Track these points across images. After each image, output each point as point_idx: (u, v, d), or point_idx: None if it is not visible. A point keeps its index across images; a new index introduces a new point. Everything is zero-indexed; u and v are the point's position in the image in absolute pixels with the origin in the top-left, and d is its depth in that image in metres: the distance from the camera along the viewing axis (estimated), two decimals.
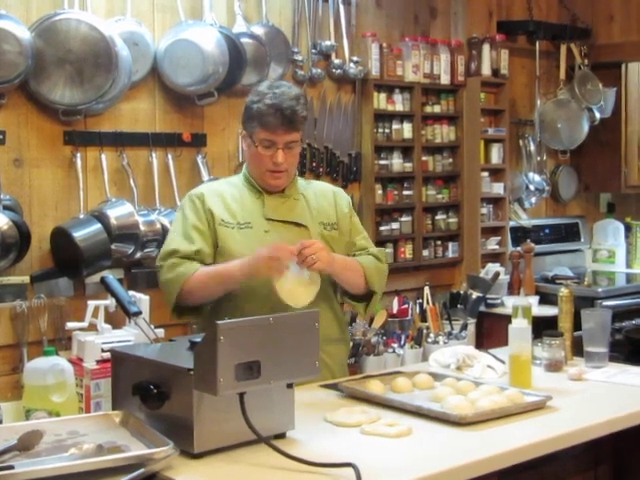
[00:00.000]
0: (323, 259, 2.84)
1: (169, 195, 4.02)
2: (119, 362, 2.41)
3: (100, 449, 2.01)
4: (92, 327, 3.50)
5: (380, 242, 4.94)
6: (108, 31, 3.73)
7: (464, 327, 4.74)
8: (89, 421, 2.26)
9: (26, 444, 2.02)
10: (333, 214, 3.13)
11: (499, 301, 5.08)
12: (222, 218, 2.98)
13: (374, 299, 3.16)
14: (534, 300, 5.10)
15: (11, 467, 1.88)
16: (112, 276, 2.67)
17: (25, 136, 3.68)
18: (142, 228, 3.79)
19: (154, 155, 4.00)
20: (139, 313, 2.60)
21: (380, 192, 4.96)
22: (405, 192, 5.08)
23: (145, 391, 2.20)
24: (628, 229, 6.20)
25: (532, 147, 5.77)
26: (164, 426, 2.16)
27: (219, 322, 2.08)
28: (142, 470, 1.94)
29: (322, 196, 3.16)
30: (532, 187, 5.73)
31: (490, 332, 3.77)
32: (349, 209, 3.20)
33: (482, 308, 4.97)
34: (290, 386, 2.30)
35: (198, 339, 2.18)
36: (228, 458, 2.16)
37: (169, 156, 4.06)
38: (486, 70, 5.35)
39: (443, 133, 5.28)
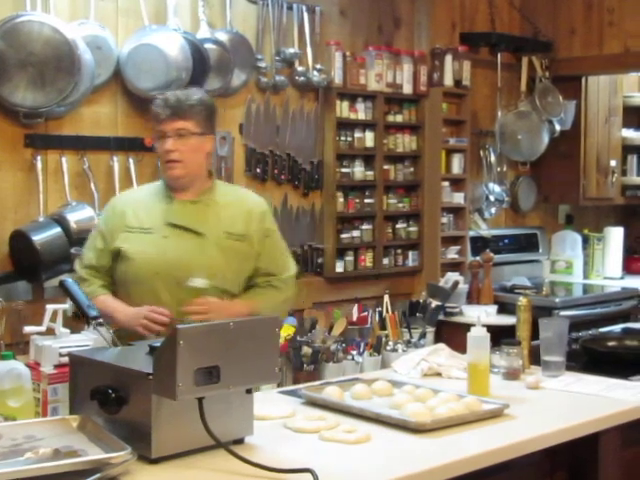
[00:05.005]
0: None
1: None
2: (77, 366, 2.39)
3: (57, 453, 1.99)
4: (50, 331, 3.47)
5: (341, 250, 4.97)
6: (71, 34, 3.71)
7: (423, 335, 4.76)
8: (46, 425, 2.24)
9: None
10: (243, 226, 3.10)
11: (458, 310, 5.12)
12: (127, 224, 3.07)
13: None
14: (492, 309, 5.15)
15: None
16: (71, 280, 2.66)
17: None
18: None
19: (115, 159, 3.99)
20: (98, 317, 2.58)
21: (341, 200, 4.97)
22: (366, 200, 5.10)
23: (103, 395, 2.18)
24: (586, 241, 6.29)
25: (493, 158, 5.82)
26: (122, 431, 2.15)
27: (179, 326, 2.07)
28: (99, 475, 1.92)
29: (238, 205, 3.15)
30: (492, 197, 5.78)
31: (449, 341, 3.78)
32: (265, 226, 3.17)
33: (441, 317, 5.00)
34: (249, 391, 2.30)
35: (157, 343, 2.17)
36: (186, 463, 2.16)
37: (130, 160, 4.04)
38: (448, 81, 5.40)
39: (405, 142, 5.31)
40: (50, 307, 3.41)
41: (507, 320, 4.52)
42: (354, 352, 4.46)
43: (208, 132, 3.10)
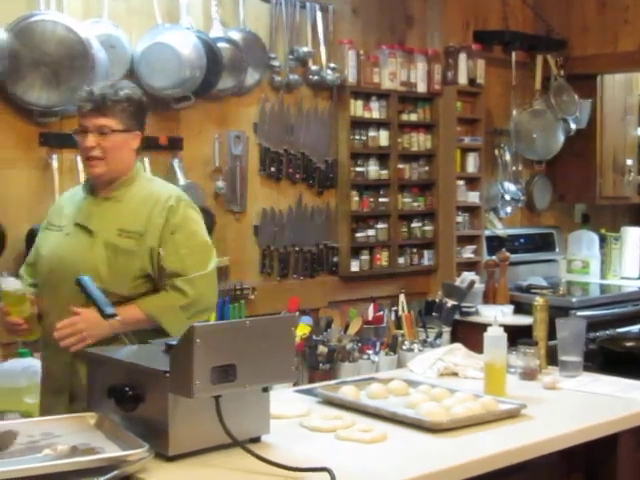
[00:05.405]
0: (88, 338, 2.69)
1: None
2: (94, 364, 2.39)
3: (74, 450, 2.00)
4: None
5: (356, 249, 4.96)
6: (85, 33, 3.71)
7: (439, 335, 4.75)
8: (63, 422, 2.24)
9: (0, 444, 2.00)
10: (143, 222, 2.84)
11: (474, 309, 5.10)
12: (50, 222, 2.99)
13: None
14: (509, 309, 5.12)
15: None
16: (87, 277, 2.64)
17: (1, 137, 3.65)
18: None
19: None
20: (114, 315, 2.57)
21: (356, 199, 4.97)
22: (381, 199, 5.10)
23: (120, 393, 2.19)
24: (602, 240, 6.25)
25: (508, 157, 5.80)
26: (139, 428, 2.15)
27: (196, 324, 2.07)
28: (116, 472, 1.92)
29: (147, 199, 2.89)
30: (507, 196, 5.76)
31: (465, 340, 3.77)
32: (171, 221, 2.85)
33: (457, 316, 4.98)
34: (266, 390, 2.30)
35: (174, 342, 2.17)
36: (203, 461, 2.15)
37: (145, 159, 4.03)
38: (462, 79, 5.38)
39: (419, 141, 5.30)
40: None
41: (523, 320, 4.50)
42: (370, 351, 4.46)
43: (134, 129, 2.90)
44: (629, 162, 6.25)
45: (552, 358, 3.28)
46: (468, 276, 5.12)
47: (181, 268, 2.82)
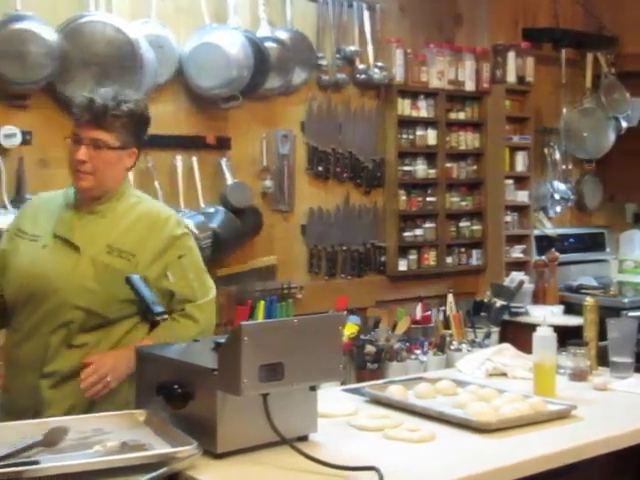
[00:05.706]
0: (112, 382, 2.58)
1: (193, 197, 4.03)
2: (144, 361, 2.40)
3: (124, 447, 2.01)
4: None
5: (403, 248, 4.94)
6: (134, 34, 3.74)
7: (487, 335, 4.72)
8: (113, 419, 2.26)
9: (51, 440, 2.01)
10: (135, 242, 2.68)
11: (523, 310, 5.05)
12: (21, 228, 2.75)
13: None
14: (558, 309, 5.07)
15: (37, 462, 1.89)
16: (137, 275, 2.63)
17: (51, 137, 3.69)
18: None
19: (178, 158, 4.01)
20: (164, 313, 2.57)
21: (404, 198, 4.96)
22: (429, 198, 5.08)
23: (169, 391, 2.20)
24: None
25: (557, 155, 5.75)
26: (187, 426, 2.15)
27: (244, 323, 2.08)
28: (165, 469, 1.94)
29: (139, 219, 2.73)
30: (557, 196, 5.71)
31: (514, 341, 3.74)
32: (175, 245, 2.73)
33: (506, 316, 4.94)
34: (313, 388, 2.30)
35: (222, 340, 2.17)
36: (251, 459, 2.16)
37: (193, 159, 4.07)
38: (511, 77, 5.34)
39: (467, 140, 5.27)
40: None
41: (573, 321, 4.46)
42: (418, 351, 4.45)
43: (130, 145, 2.70)
44: None
45: (603, 359, 3.24)
46: (517, 276, 5.08)
47: (191, 294, 2.74)
